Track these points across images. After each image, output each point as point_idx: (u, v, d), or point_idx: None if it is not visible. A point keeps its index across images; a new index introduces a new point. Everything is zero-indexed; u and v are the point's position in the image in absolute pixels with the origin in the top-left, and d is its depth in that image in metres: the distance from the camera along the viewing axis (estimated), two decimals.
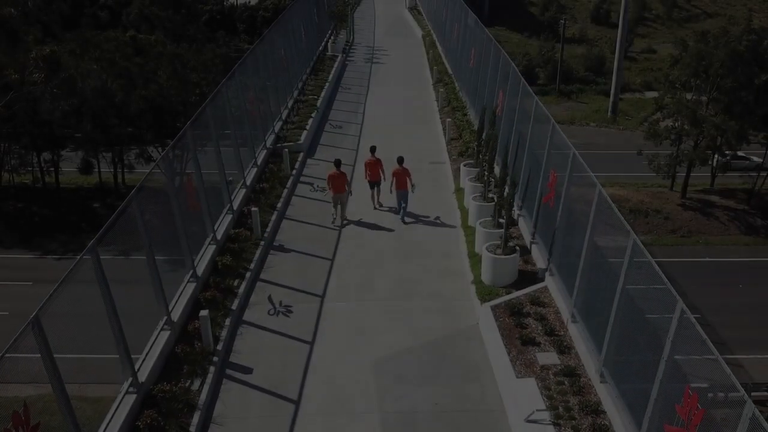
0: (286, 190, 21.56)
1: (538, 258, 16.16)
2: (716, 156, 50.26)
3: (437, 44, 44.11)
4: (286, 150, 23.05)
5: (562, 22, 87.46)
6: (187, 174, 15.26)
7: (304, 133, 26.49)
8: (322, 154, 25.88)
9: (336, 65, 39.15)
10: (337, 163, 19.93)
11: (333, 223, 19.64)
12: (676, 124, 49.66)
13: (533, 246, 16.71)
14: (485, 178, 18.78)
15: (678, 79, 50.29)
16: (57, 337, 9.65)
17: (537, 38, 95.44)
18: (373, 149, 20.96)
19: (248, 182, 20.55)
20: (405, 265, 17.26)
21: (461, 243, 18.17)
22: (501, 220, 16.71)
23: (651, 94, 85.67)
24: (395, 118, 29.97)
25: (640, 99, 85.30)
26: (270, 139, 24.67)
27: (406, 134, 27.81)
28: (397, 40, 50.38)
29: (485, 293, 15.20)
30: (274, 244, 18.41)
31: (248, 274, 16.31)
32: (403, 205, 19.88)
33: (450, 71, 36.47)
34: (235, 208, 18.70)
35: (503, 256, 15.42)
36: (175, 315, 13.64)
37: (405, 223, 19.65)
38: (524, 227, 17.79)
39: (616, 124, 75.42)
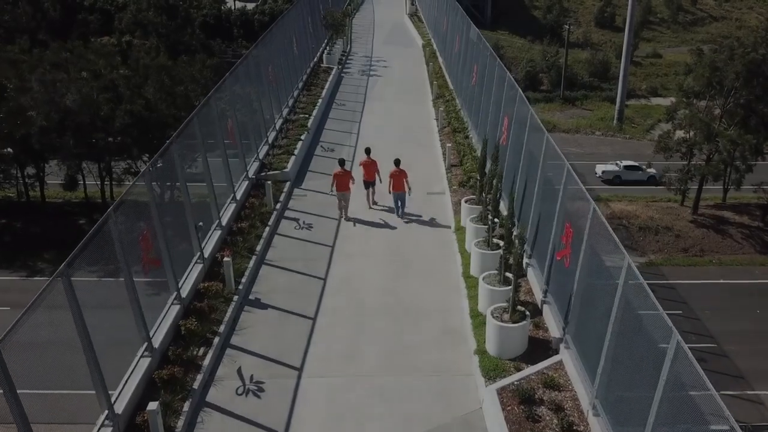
0: (267, 229, 19.40)
1: (551, 322, 13.98)
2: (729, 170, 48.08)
3: (438, 55, 41.96)
4: (269, 183, 20.84)
5: (567, 27, 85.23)
6: (142, 228, 13.08)
7: (292, 159, 24.31)
8: (311, 182, 23.72)
9: (330, 79, 36.99)
10: (341, 162, 21.14)
11: (340, 218, 20.57)
12: (689, 136, 47.47)
13: (545, 306, 14.54)
14: (489, 221, 16.61)
15: (691, 89, 48.06)
16: (22, 371, 9.20)
17: (540, 42, 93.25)
18: (368, 150, 21.88)
19: (225, 222, 18.40)
20: (398, 326, 15.07)
21: (462, 297, 15.99)
22: (507, 275, 14.56)
23: (657, 101, 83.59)
24: (391, 140, 27.75)
25: (645, 105, 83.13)
26: (253, 168, 22.50)
27: (403, 159, 25.63)
28: (397, 49, 48.21)
29: (490, 368, 13.02)
30: (250, 297, 16.24)
31: (216, 340, 14.14)
32: (400, 204, 20.65)
33: (451, 86, 34.32)
34: (207, 255, 16.55)
35: (511, 325, 13.25)
36: (121, 404, 11.47)
37: (405, 221, 20.45)
38: (534, 280, 15.62)
39: (622, 133, 73.20)
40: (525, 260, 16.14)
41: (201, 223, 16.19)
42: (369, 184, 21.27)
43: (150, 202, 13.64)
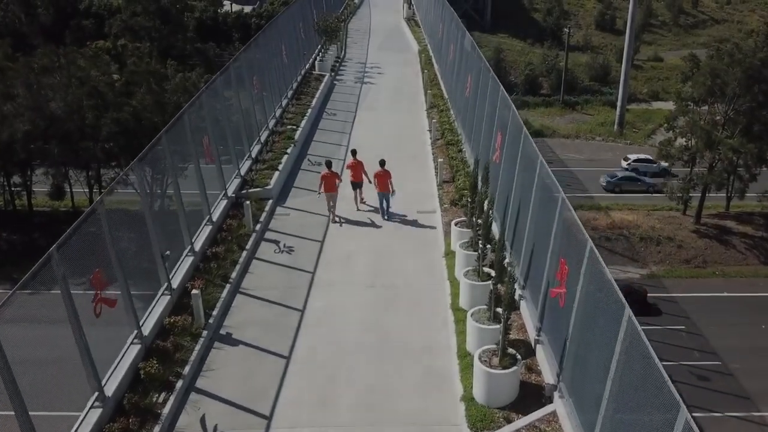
0: (245, 253, 18.21)
1: (545, 365, 12.78)
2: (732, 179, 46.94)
3: (434, 62, 40.75)
4: (248, 203, 19.64)
5: (567, 30, 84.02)
6: (93, 267, 11.89)
7: (276, 174, 23.12)
8: (295, 200, 22.54)
9: (322, 87, 35.81)
10: (328, 164, 21.11)
11: (331, 220, 20.76)
12: (690, 143, 46.32)
13: (538, 346, 13.35)
14: (479, 250, 15.41)
15: (690, 96, 46.89)
16: None
17: (540, 45, 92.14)
18: (354, 152, 22.11)
19: (198, 247, 17.22)
20: (378, 367, 13.86)
21: (450, 334, 14.80)
22: (498, 310, 13.38)
23: (658, 105, 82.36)
24: (382, 153, 26.29)
25: (646, 110, 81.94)
26: (233, 186, 21.30)
27: (394, 174, 24.49)
28: (392, 55, 47.01)
29: (477, 418, 11.84)
30: (221, 332, 15.05)
31: (180, 384, 12.95)
32: (386, 205, 20.94)
33: (446, 95, 33.12)
34: (175, 285, 15.37)
35: (500, 371, 12.06)
36: None
37: (390, 220, 20.82)
38: (527, 314, 14.43)
39: (622, 138, 71.99)
40: (518, 291, 14.98)
41: (168, 252, 15.00)
42: (356, 185, 21.56)
43: (104, 235, 12.46)
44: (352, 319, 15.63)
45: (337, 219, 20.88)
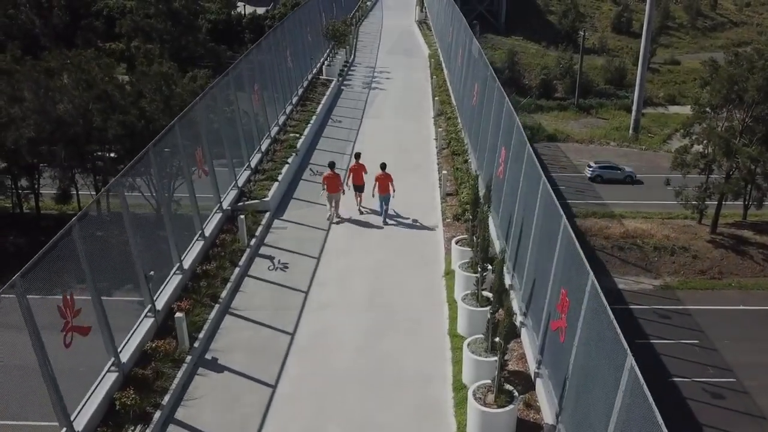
0: (237, 270, 17.52)
1: (544, 402, 12.00)
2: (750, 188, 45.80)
3: (443, 67, 39.94)
4: (242, 217, 18.96)
5: (582, 33, 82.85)
6: (66, 289, 11.27)
7: (275, 185, 22.41)
8: (294, 212, 21.84)
9: (329, 93, 35.12)
10: (331, 165, 21.41)
11: (328, 219, 20.97)
12: (707, 151, 45.22)
13: (538, 380, 12.56)
14: (478, 273, 14.64)
15: (708, 103, 45.77)
16: None
17: (555, 48, 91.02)
18: (357, 156, 22.41)
19: (188, 264, 16.55)
20: (368, 399, 13.10)
21: (446, 362, 14.03)
22: (498, 340, 12.59)
23: (675, 109, 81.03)
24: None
25: (663, 114, 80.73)
26: (229, 198, 20.63)
27: (397, 185, 23.80)
28: (402, 59, 46.30)
29: None
30: (207, 356, 14.36)
31: (158, 415, 12.27)
32: (385, 207, 20.97)
33: (454, 102, 32.34)
34: (160, 307, 14.71)
35: (495, 410, 11.28)
36: None
37: (389, 224, 20.85)
38: (528, 343, 13.65)
39: (637, 144, 70.77)
40: (519, 318, 14.20)
41: (152, 272, 14.33)
42: (358, 188, 21.71)
43: (80, 254, 11.82)
44: (345, 344, 14.90)
45: (338, 219, 21.10)
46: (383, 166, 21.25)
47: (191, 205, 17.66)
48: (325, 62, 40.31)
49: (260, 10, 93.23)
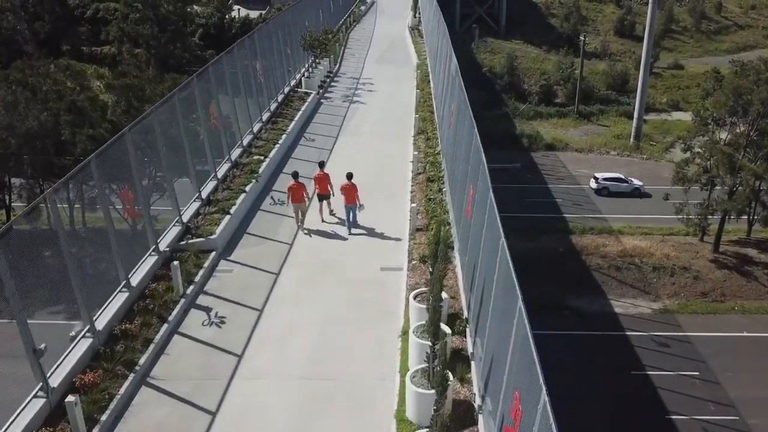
0: (165, 327, 15.36)
1: None
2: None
3: (431, 79, 37.74)
4: (176, 263, 16.77)
5: (583, 37, 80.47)
6: None
7: (225, 220, 20.22)
8: (244, 250, 19.65)
9: (305, 107, 32.98)
10: (295, 175, 21.13)
11: (298, 229, 20.89)
12: (709, 165, 42.96)
13: None
14: (430, 345, 12.44)
15: (711, 115, 43.47)
16: None
17: (556, 52, 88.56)
18: (321, 164, 22.47)
19: (103, 325, 14.38)
20: None
21: None
22: None
23: (678, 115, 78.60)
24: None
25: (665, 120, 78.28)
26: (170, 237, 18.49)
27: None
28: (389, 68, 44.14)
29: None
30: None
31: None
32: (351, 217, 20.90)
33: (436, 120, 30.15)
34: (56, 384, 12.54)
35: None
36: None
37: (350, 233, 20.73)
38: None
39: (638, 152, 68.39)
40: (477, 401, 12.03)
41: (43, 346, 12.16)
42: (323, 197, 21.59)
43: None
44: (275, 425, 12.72)
45: (305, 231, 20.94)
46: (349, 176, 21.01)
47: (113, 249, 15.42)
48: (305, 74, 38.14)
49: (254, 14, 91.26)
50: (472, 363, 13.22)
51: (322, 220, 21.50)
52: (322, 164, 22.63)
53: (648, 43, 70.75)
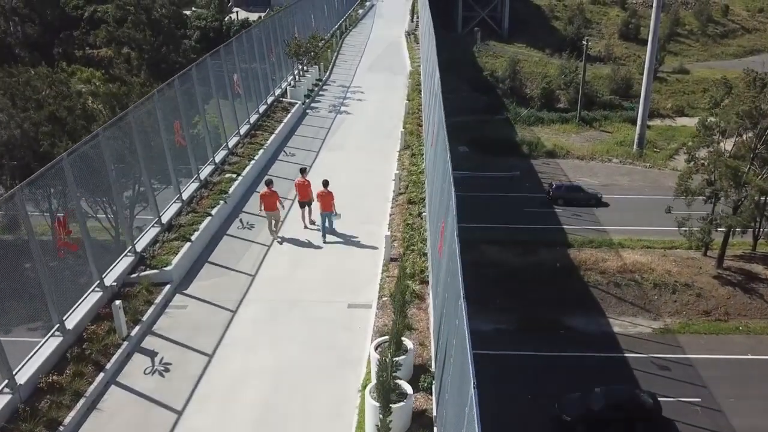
0: (101, 377, 13.85)
1: None
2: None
3: (422, 89, 36.15)
4: (118, 303, 15.25)
5: (585, 42, 78.71)
6: None
7: (185, 248, 18.72)
8: (203, 282, 18.11)
9: (287, 119, 31.49)
10: (269, 182, 20.82)
11: (273, 238, 20.58)
12: (713, 178, 41.26)
13: None
14: (380, 413, 10.89)
15: (717, 125, 41.77)
16: None
17: (559, 56, 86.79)
18: (302, 171, 22.26)
19: (26, 378, 12.88)
20: None
21: None
22: None
23: (682, 121, 76.83)
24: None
25: (670, 126, 76.53)
26: (117, 271, 16.97)
27: (333, 245, 20.15)
28: (381, 76, 42.64)
29: None
30: None
31: None
32: (327, 224, 20.81)
33: (423, 134, 28.59)
34: None
35: None
36: None
37: (325, 241, 20.48)
38: None
39: (641, 160, 66.63)
40: None
41: None
42: (304, 204, 21.55)
43: None
44: None
45: (279, 239, 20.67)
46: (325, 184, 20.88)
47: (44, 288, 13.89)
48: (291, 83, 36.64)
49: (254, 17, 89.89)
50: (435, 428, 11.68)
51: (305, 227, 21.36)
52: (303, 171, 22.35)
53: (652, 47, 69.10)
